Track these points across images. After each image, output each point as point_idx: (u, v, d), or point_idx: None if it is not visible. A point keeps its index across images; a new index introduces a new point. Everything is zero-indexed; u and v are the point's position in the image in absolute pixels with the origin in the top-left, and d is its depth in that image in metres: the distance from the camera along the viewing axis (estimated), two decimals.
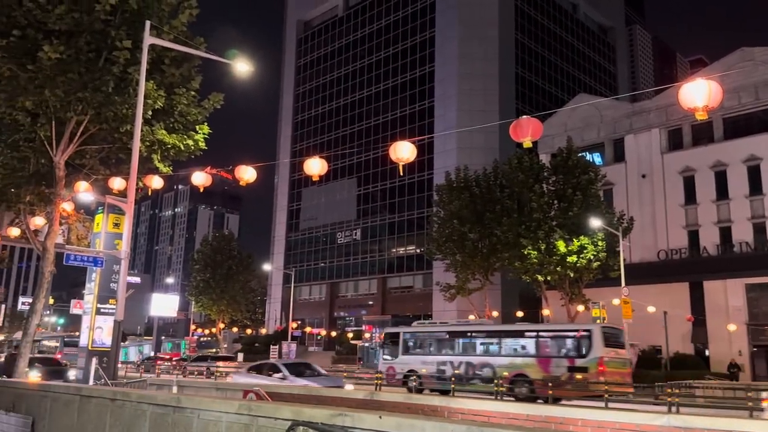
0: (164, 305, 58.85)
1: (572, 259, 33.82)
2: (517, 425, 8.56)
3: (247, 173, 15.85)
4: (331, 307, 77.13)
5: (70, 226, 20.52)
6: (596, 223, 33.11)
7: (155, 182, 17.22)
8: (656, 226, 45.24)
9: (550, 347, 24.23)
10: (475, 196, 39.40)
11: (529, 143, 11.89)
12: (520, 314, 48.70)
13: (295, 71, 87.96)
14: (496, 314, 46.64)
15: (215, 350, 58.19)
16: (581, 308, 36.30)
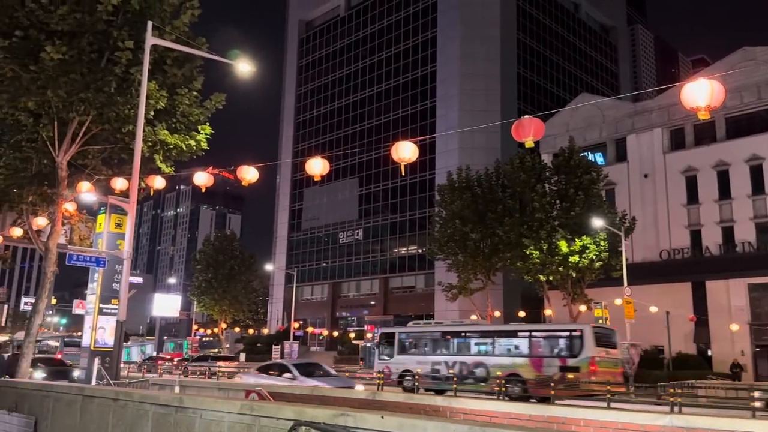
0: (166, 305, 58.95)
1: (574, 259, 33.78)
2: (519, 425, 8.56)
3: (249, 173, 15.86)
4: (333, 307, 77.14)
5: (72, 226, 20.53)
6: (598, 223, 33.07)
7: (157, 182, 17.25)
8: (658, 225, 45.19)
9: (542, 347, 24.33)
10: (476, 196, 39.36)
11: (531, 143, 11.90)
12: (522, 314, 48.63)
13: (296, 71, 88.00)
14: (498, 314, 46.61)
15: (217, 350, 58.17)
16: (583, 308, 36.28)
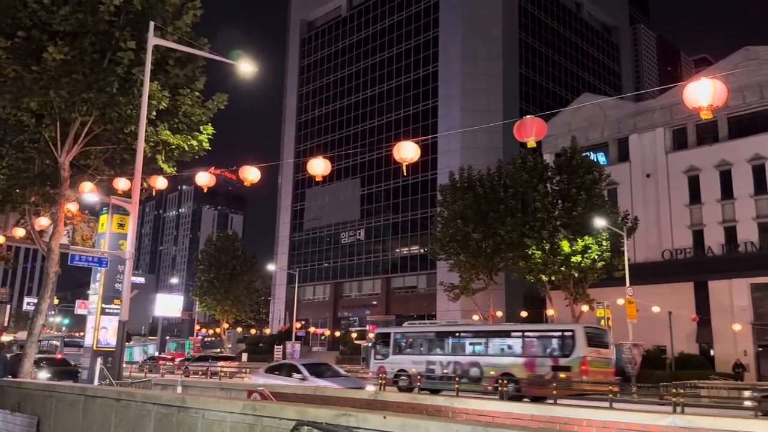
0: (168, 305, 59.00)
1: (576, 258, 33.76)
2: (521, 425, 8.55)
3: (251, 173, 15.86)
4: (335, 307, 77.18)
5: (74, 226, 20.54)
6: (600, 222, 33.05)
7: (159, 183, 17.25)
8: (661, 225, 45.14)
9: (535, 347, 24.50)
10: (478, 196, 39.35)
11: (533, 143, 11.89)
12: (524, 314, 48.62)
13: (298, 71, 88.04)
14: (500, 314, 46.60)
15: (219, 350, 58.24)
16: (586, 308, 36.25)
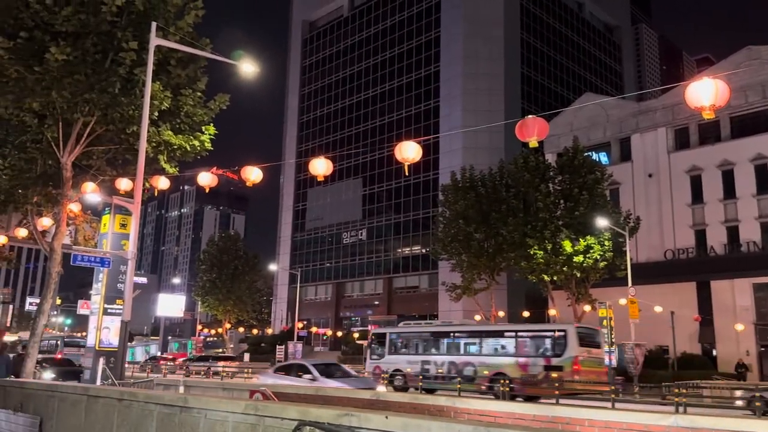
0: (171, 305, 59.16)
1: (578, 258, 33.73)
2: (523, 425, 8.54)
3: (252, 174, 15.87)
4: (336, 307, 77.18)
5: (77, 226, 20.54)
6: (603, 222, 33.02)
7: (162, 183, 17.27)
8: (663, 225, 45.07)
9: (528, 347, 24.68)
10: (480, 196, 39.34)
11: (534, 143, 11.87)
12: (526, 314, 48.60)
13: (300, 71, 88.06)
14: (502, 314, 46.55)
15: (221, 350, 58.32)
16: (588, 308, 36.22)
